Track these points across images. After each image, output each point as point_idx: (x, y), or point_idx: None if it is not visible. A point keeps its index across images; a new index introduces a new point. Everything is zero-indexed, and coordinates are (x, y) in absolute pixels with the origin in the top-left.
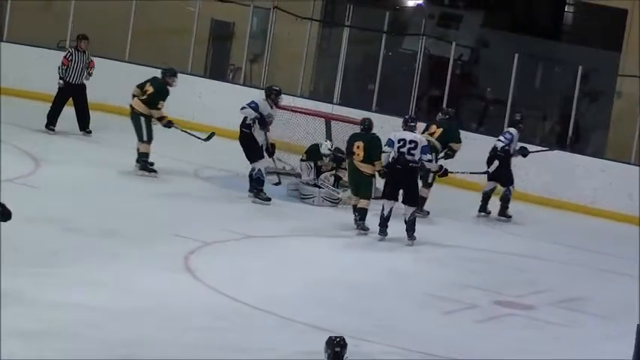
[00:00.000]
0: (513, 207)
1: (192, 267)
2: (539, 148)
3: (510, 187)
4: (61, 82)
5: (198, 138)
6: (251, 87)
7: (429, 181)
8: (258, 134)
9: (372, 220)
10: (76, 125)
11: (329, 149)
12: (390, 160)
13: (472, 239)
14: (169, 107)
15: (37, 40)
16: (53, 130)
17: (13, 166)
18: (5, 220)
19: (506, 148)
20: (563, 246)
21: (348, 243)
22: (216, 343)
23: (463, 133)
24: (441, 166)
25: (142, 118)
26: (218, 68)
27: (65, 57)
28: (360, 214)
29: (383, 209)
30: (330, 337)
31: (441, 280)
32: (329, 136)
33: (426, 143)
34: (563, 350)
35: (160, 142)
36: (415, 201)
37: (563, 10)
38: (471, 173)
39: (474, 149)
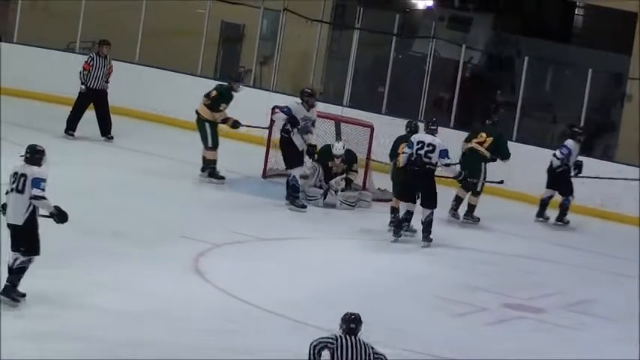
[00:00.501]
0: (522, 210)
1: (201, 269)
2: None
3: (570, 197)
4: (83, 87)
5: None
6: (261, 89)
7: (478, 189)
8: (297, 138)
9: (375, 223)
10: (97, 130)
11: (341, 150)
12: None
13: (482, 242)
14: (178, 109)
15: (47, 42)
16: (72, 135)
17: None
18: (62, 222)
19: (564, 163)
20: (572, 249)
21: (359, 245)
22: (226, 345)
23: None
24: (460, 172)
25: (207, 124)
26: (228, 70)
27: (86, 62)
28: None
29: (398, 211)
30: (345, 313)
31: (451, 283)
32: (339, 138)
33: (444, 147)
34: (572, 353)
35: (171, 145)
36: (432, 203)
37: (572, 13)
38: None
39: None
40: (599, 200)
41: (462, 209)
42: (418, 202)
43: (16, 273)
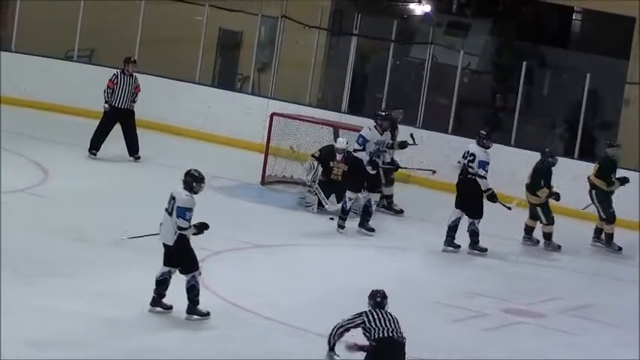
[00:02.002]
0: (521, 215)
1: (201, 276)
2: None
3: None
4: (107, 105)
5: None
6: (259, 96)
7: (603, 215)
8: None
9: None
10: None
11: (344, 144)
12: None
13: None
14: (177, 116)
15: (45, 50)
16: (95, 154)
17: (23, 177)
18: (202, 232)
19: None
20: (571, 254)
21: (358, 252)
22: (226, 352)
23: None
24: (490, 189)
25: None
26: (226, 77)
27: (110, 80)
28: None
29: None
30: (372, 290)
31: (451, 289)
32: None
33: (483, 158)
34: (572, 358)
35: (169, 152)
36: (472, 211)
37: (570, 18)
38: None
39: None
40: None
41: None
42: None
43: (189, 292)
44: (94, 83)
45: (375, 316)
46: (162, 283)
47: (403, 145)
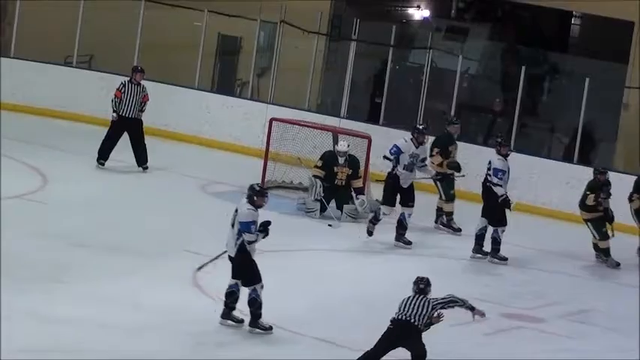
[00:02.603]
0: (521, 220)
1: (201, 282)
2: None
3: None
4: (115, 115)
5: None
6: (258, 101)
7: None
8: (403, 176)
9: (374, 234)
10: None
11: (345, 147)
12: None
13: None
14: (176, 122)
15: (44, 56)
16: (103, 164)
17: (22, 183)
18: (268, 233)
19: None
20: (571, 258)
21: (358, 257)
22: (227, 358)
23: (468, 145)
24: (502, 195)
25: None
26: (225, 83)
27: (118, 89)
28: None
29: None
30: (417, 277)
31: (450, 293)
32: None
33: (496, 166)
34: None
35: (169, 158)
36: (493, 220)
37: (569, 23)
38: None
39: (481, 162)
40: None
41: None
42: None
43: (250, 306)
44: (93, 89)
45: (407, 301)
46: (230, 296)
47: (454, 165)
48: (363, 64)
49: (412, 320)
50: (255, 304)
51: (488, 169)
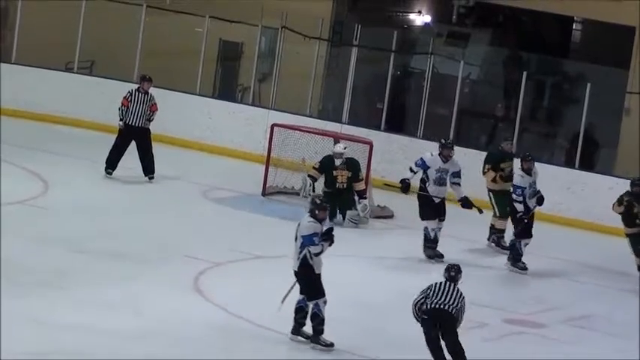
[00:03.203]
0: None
1: (202, 288)
2: None
3: None
4: (121, 123)
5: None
6: (260, 107)
7: None
8: (433, 190)
9: (374, 240)
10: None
11: (341, 149)
12: None
13: (481, 258)
14: (178, 128)
15: (45, 62)
16: (110, 173)
17: (23, 188)
18: (333, 240)
19: None
20: (572, 264)
21: (358, 262)
22: None
23: (468, 151)
24: (519, 213)
25: (491, 194)
26: (227, 88)
27: (125, 97)
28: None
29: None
30: (448, 264)
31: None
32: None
33: (516, 182)
34: None
35: (170, 163)
36: (515, 231)
37: (570, 28)
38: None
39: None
40: (598, 215)
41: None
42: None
43: (312, 320)
44: (94, 95)
45: (438, 288)
46: (299, 312)
47: (466, 204)
48: (364, 69)
49: (447, 308)
50: (316, 319)
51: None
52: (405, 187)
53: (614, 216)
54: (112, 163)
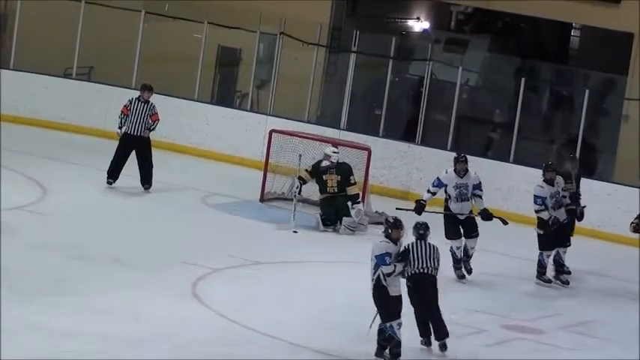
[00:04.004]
0: (520, 231)
1: (200, 294)
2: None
3: None
4: (119, 130)
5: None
6: (258, 113)
7: None
8: (455, 207)
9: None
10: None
11: (330, 152)
12: None
13: (480, 264)
14: (176, 134)
15: (44, 68)
16: (111, 184)
17: (22, 194)
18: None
19: None
20: (571, 270)
21: (356, 269)
22: None
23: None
24: (543, 221)
25: None
26: (225, 94)
27: (125, 105)
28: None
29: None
30: (416, 222)
31: (449, 305)
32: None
33: (535, 192)
34: None
35: (169, 170)
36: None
37: (569, 35)
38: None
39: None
40: (597, 221)
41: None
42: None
43: (378, 335)
44: (92, 101)
45: (415, 249)
46: (380, 333)
47: (485, 216)
48: (362, 75)
49: (430, 272)
50: (382, 335)
51: None
52: (418, 207)
53: (613, 222)
54: (113, 174)
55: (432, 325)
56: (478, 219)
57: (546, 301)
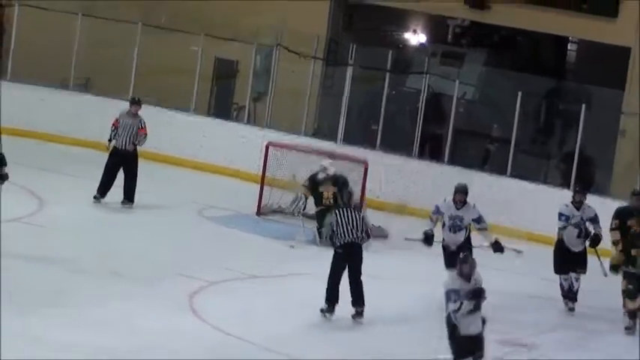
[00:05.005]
0: (519, 246)
1: (196, 306)
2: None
3: None
4: (107, 142)
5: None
6: (254, 125)
7: None
8: (446, 235)
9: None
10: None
11: (326, 165)
12: None
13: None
14: (172, 146)
15: (40, 79)
16: (97, 199)
17: (19, 206)
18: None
19: None
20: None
21: None
22: None
23: (464, 171)
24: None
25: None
26: (222, 107)
27: (116, 118)
28: None
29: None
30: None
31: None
32: None
33: (559, 210)
34: None
35: (165, 182)
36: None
37: (566, 49)
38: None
39: (478, 188)
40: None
41: None
42: None
43: None
44: (89, 112)
45: (340, 218)
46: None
47: (497, 248)
48: (359, 88)
49: (358, 240)
50: None
51: None
52: (427, 238)
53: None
54: (100, 189)
55: (351, 290)
56: (489, 250)
57: (542, 317)
